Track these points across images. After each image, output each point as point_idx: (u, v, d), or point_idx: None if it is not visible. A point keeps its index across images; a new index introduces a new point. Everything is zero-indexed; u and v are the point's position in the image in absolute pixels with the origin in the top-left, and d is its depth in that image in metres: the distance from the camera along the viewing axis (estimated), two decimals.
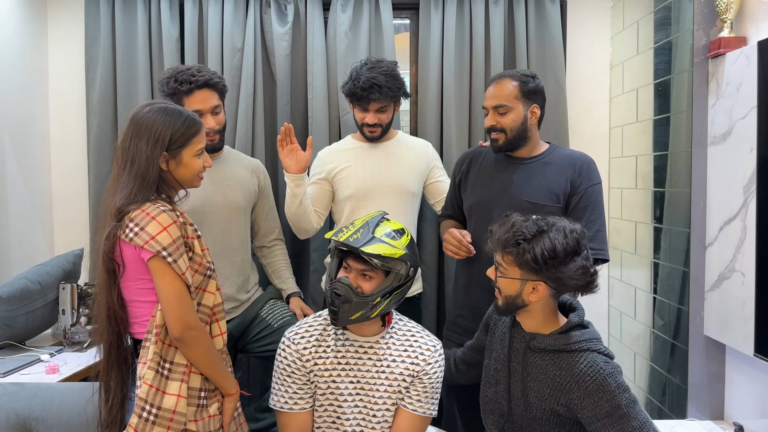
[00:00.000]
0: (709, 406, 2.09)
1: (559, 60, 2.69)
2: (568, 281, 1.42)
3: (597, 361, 1.42)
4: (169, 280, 1.41)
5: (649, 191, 2.52)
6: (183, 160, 1.51)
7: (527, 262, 1.41)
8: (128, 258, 1.45)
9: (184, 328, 1.41)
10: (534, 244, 1.40)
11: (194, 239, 1.49)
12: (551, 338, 1.48)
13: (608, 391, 1.38)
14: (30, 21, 2.68)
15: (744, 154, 1.87)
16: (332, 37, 2.70)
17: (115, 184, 1.48)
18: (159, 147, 1.46)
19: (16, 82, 2.59)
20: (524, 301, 1.47)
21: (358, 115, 2.25)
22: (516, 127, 1.92)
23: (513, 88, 1.91)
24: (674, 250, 2.29)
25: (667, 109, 2.37)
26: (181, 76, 1.98)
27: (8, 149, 2.54)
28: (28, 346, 2.22)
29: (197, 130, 1.53)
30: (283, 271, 2.29)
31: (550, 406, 1.46)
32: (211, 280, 1.52)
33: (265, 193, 2.28)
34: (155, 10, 2.69)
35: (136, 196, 1.44)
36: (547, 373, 1.47)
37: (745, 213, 1.87)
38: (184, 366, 1.44)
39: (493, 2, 2.69)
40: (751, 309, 1.83)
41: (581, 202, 1.91)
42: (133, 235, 1.41)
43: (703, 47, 2.09)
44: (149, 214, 1.42)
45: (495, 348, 1.62)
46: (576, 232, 1.44)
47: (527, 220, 1.47)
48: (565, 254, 1.40)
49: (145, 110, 1.50)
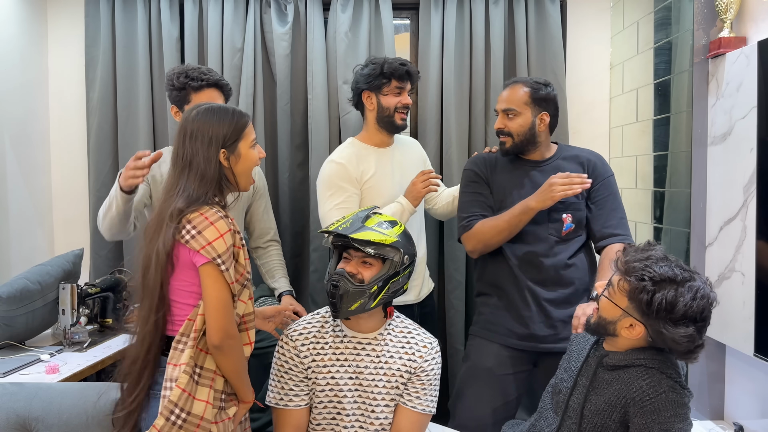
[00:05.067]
0: (709, 406, 2.09)
1: (559, 60, 2.69)
2: (669, 341, 1.32)
3: (661, 383, 1.35)
4: (219, 287, 1.41)
5: (649, 191, 2.52)
6: (241, 153, 1.53)
7: (640, 302, 1.32)
8: (180, 259, 1.45)
9: (224, 337, 1.41)
10: (658, 288, 1.30)
11: (240, 248, 1.49)
12: (624, 354, 1.42)
13: (663, 416, 1.32)
14: (30, 21, 2.68)
15: (744, 154, 1.87)
16: (332, 37, 2.70)
17: (172, 189, 1.49)
18: (215, 145, 1.48)
19: (16, 82, 2.59)
20: (616, 331, 1.40)
21: (390, 100, 2.17)
22: (523, 132, 1.98)
23: (524, 93, 1.97)
24: (674, 250, 2.29)
25: (667, 109, 2.37)
26: (192, 73, 2.03)
27: (8, 149, 2.54)
28: (28, 346, 2.21)
29: (246, 121, 1.55)
30: (276, 270, 2.29)
31: (603, 420, 1.41)
32: (245, 289, 1.52)
33: (261, 195, 2.29)
34: (155, 10, 2.69)
35: (198, 197, 1.45)
36: (610, 387, 1.42)
37: (745, 213, 1.87)
38: (212, 372, 1.45)
39: (493, 2, 2.69)
40: (751, 309, 1.83)
41: (600, 193, 1.99)
42: (189, 237, 1.41)
43: (703, 47, 2.09)
44: (208, 219, 1.42)
45: (570, 359, 1.59)
46: (708, 299, 1.33)
47: (667, 259, 1.36)
48: (683, 316, 1.29)
49: (193, 114, 1.51)
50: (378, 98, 2.18)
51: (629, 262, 1.37)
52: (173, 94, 2.05)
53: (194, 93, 2.03)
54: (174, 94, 2.05)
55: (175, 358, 1.42)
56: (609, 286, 1.42)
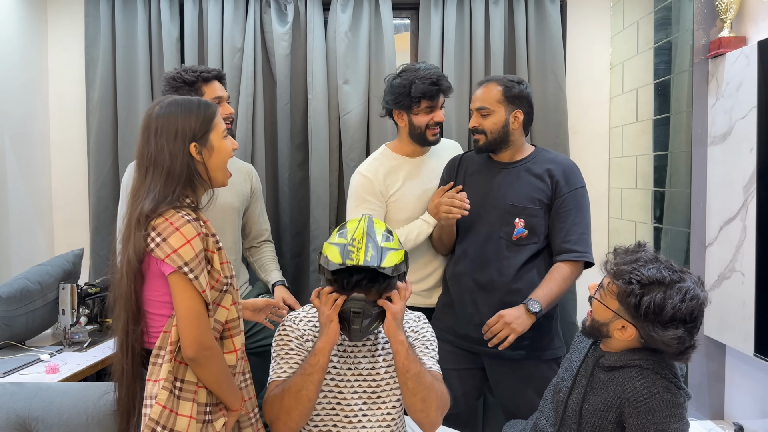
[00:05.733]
0: (709, 406, 2.09)
1: (559, 60, 2.69)
2: (659, 343, 1.33)
3: (656, 383, 1.35)
4: (188, 297, 1.33)
5: (649, 191, 2.52)
6: (214, 145, 1.44)
7: (628, 305, 1.33)
8: (150, 268, 1.38)
9: (199, 349, 1.34)
10: (646, 291, 1.30)
11: (214, 252, 1.41)
12: (620, 355, 1.42)
13: (658, 416, 1.31)
14: (30, 21, 2.68)
15: (744, 154, 1.87)
16: (332, 37, 2.70)
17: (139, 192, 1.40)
18: (181, 138, 1.39)
19: (16, 82, 2.59)
20: (609, 332, 1.41)
21: (422, 118, 2.10)
22: (496, 129, 1.98)
23: (497, 92, 1.97)
24: (674, 250, 2.29)
25: (667, 109, 2.37)
26: (199, 68, 2.08)
27: (8, 149, 2.54)
28: (28, 346, 2.21)
29: (214, 111, 1.46)
30: (268, 264, 2.30)
31: (600, 421, 1.41)
32: (227, 294, 1.44)
33: (257, 197, 2.30)
34: (155, 10, 2.69)
35: (165, 197, 1.36)
36: (606, 388, 1.42)
37: (745, 213, 1.87)
38: (194, 384, 1.38)
39: (493, 2, 2.69)
40: (751, 309, 1.83)
41: (563, 206, 1.95)
42: (154, 246, 1.33)
43: (703, 47, 2.09)
44: (173, 224, 1.33)
45: (572, 358, 1.60)
46: (697, 300, 1.31)
47: (657, 260, 1.36)
48: (671, 318, 1.29)
49: (156, 109, 1.42)
50: (409, 117, 2.12)
51: (618, 265, 1.37)
52: (183, 91, 2.06)
53: (205, 85, 2.07)
54: (184, 91, 2.06)
55: (154, 374, 1.35)
56: (600, 288, 1.42)
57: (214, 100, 2.06)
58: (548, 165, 1.99)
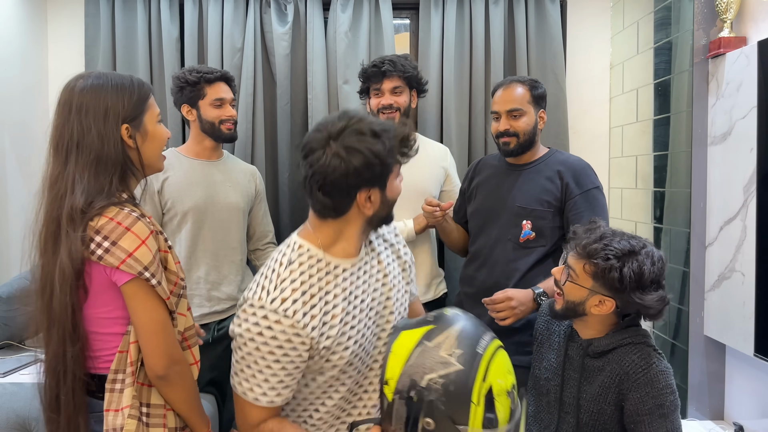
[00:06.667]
0: (709, 406, 2.09)
1: (559, 60, 2.69)
2: (642, 309, 1.37)
3: (650, 355, 1.39)
4: (151, 306, 1.14)
5: (649, 191, 2.52)
6: (148, 129, 1.24)
7: (610, 280, 1.35)
8: (94, 281, 1.15)
9: (169, 364, 1.16)
10: (623, 263, 1.34)
11: (168, 252, 1.22)
12: (607, 338, 1.45)
13: (656, 387, 1.36)
14: (30, 21, 2.68)
15: (744, 154, 1.87)
16: (332, 37, 2.70)
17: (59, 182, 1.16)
18: (112, 118, 1.18)
19: (16, 81, 2.59)
20: (585, 310, 1.42)
21: (372, 102, 2.15)
22: (529, 130, 1.94)
23: (525, 92, 1.94)
24: (674, 250, 2.29)
25: (667, 109, 2.37)
26: (204, 68, 2.08)
27: (8, 149, 2.54)
28: (28, 346, 2.21)
29: (148, 90, 1.26)
30: None
31: (599, 406, 1.43)
32: (182, 299, 1.26)
33: (261, 198, 2.31)
34: (155, 9, 2.68)
35: (99, 189, 1.15)
36: (602, 371, 1.43)
37: (745, 213, 1.87)
38: (162, 407, 1.20)
39: (493, 2, 2.69)
40: (751, 309, 1.83)
41: (575, 209, 1.91)
42: (102, 252, 1.11)
43: (703, 47, 2.09)
44: (121, 224, 1.12)
45: (547, 358, 1.58)
46: (662, 262, 1.39)
47: (617, 234, 1.41)
48: (650, 282, 1.35)
49: (80, 83, 1.20)
50: (368, 103, 2.20)
51: (587, 246, 1.40)
52: (186, 90, 2.07)
53: (208, 85, 2.06)
54: (187, 91, 2.06)
55: (115, 402, 1.15)
56: (569, 270, 1.44)
57: (215, 102, 2.06)
58: (559, 166, 1.95)
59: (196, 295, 2.05)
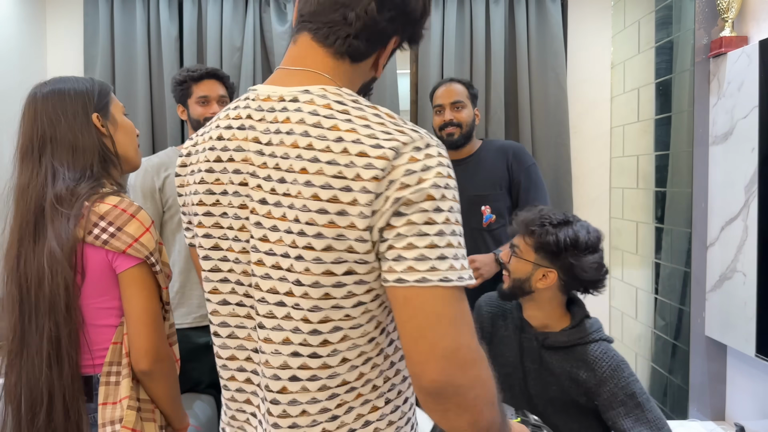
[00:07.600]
0: (711, 406, 2.08)
1: (560, 59, 2.68)
2: (580, 273, 1.45)
3: (609, 348, 1.46)
4: (147, 295, 1.13)
5: (650, 191, 2.51)
6: (117, 119, 1.25)
7: (548, 245, 1.45)
8: (94, 267, 1.13)
9: (156, 359, 1.14)
10: (558, 229, 1.46)
11: (162, 244, 1.22)
12: (564, 335, 1.49)
13: (622, 377, 1.41)
14: (29, 21, 2.68)
15: (745, 154, 1.86)
16: None
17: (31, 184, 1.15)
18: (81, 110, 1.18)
19: (15, 81, 2.58)
20: (531, 286, 1.49)
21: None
22: (470, 122, 2.15)
23: (464, 89, 2.17)
24: (675, 251, 2.29)
25: (668, 108, 2.37)
26: (193, 67, 2.08)
27: (8, 149, 2.53)
28: None
29: (108, 87, 1.27)
30: None
31: (571, 397, 1.46)
32: None
33: None
34: (154, 9, 2.68)
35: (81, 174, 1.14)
36: (563, 368, 1.47)
37: (746, 213, 1.86)
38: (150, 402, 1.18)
39: (494, 1, 2.68)
40: (752, 309, 1.82)
41: (521, 186, 2.11)
42: (107, 236, 1.10)
43: (704, 46, 2.08)
44: (126, 211, 1.13)
45: (501, 353, 1.59)
46: (598, 233, 1.50)
47: (555, 211, 1.52)
48: (585, 246, 1.45)
49: (41, 89, 1.23)
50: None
51: (525, 219, 1.51)
52: (177, 90, 2.06)
53: (195, 84, 2.04)
54: (177, 90, 2.06)
55: (111, 395, 1.12)
56: (514, 248, 1.53)
57: (200, 100, 2.00)
58: (498, 151, 2.16)
59: (196, 295, 2.04)
